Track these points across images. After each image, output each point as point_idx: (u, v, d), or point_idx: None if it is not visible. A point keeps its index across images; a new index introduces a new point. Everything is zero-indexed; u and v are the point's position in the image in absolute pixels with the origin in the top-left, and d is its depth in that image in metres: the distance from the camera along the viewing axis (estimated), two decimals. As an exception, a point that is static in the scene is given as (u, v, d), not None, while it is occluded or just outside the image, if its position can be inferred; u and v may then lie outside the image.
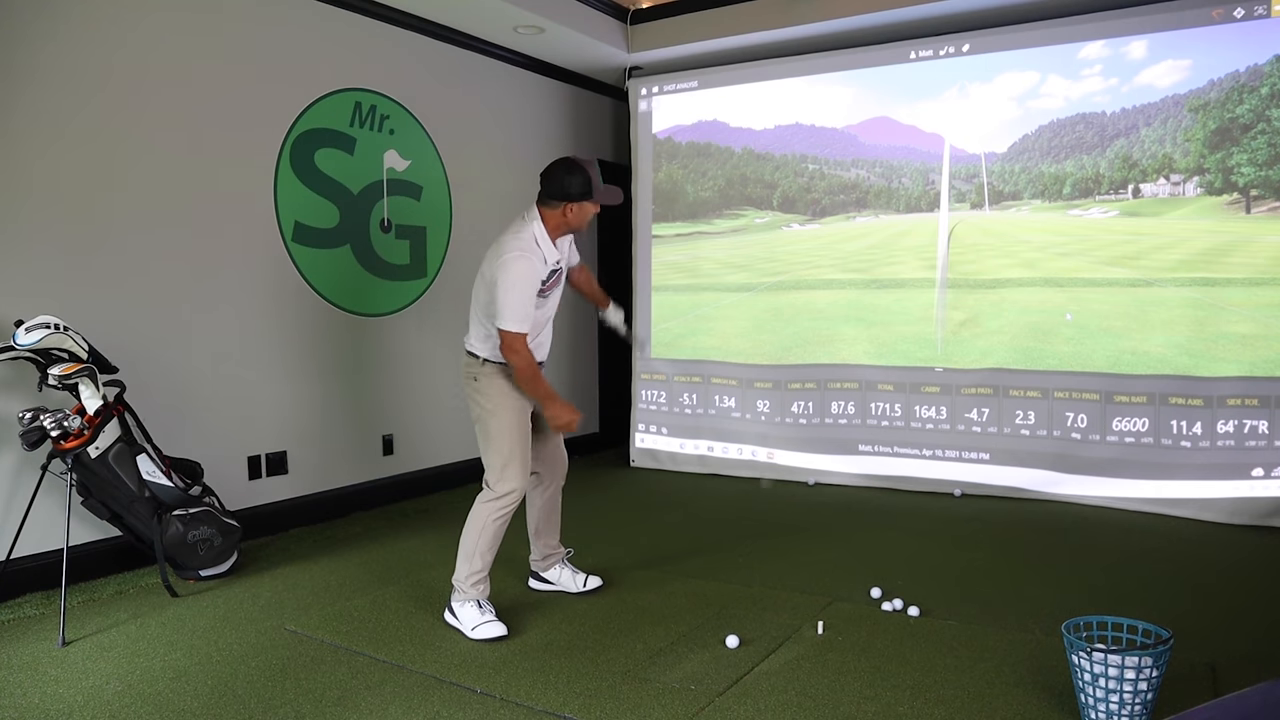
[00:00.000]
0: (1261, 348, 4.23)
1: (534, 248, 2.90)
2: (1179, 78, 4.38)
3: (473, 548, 2.95)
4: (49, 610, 3.15)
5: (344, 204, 4.52)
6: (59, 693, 2.51)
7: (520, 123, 5.63)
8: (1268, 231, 4.25)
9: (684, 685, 2.51)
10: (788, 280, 5.44)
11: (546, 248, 2.94)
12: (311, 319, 4.39)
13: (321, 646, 2.83)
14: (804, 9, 4.99)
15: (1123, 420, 4.52)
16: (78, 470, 3.16)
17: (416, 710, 2.38)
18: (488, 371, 3.00)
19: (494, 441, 2.96)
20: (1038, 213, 4.80)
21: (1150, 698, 2.14)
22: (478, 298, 3.00)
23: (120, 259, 3.61)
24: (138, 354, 3.63)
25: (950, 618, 3.02)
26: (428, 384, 4.98)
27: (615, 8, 5.45)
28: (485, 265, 2.97)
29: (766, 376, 5.43)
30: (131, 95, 3.62)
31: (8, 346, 3.04)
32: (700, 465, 5.60)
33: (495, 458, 2.96)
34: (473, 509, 2.99)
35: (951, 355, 4.94)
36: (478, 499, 2.99)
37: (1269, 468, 4.19)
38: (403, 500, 4.87)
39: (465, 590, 2.94)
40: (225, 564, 3.57)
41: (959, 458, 4.92)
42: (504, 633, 2.86)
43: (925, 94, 4.99)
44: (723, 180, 5.66)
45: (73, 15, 3.42)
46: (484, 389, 2.99)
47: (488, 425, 2.98)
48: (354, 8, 4.50)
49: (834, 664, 2.65)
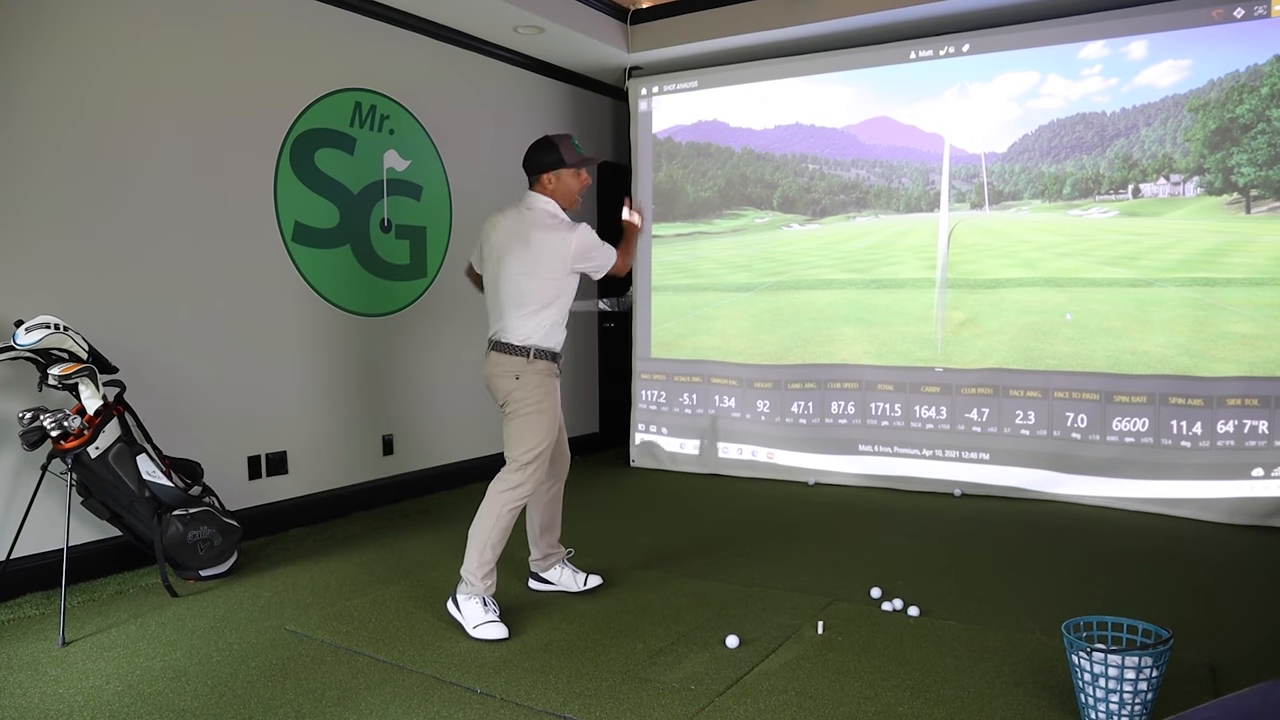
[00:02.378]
0: (1261, 348, 4.23)
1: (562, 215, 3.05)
2: (1179, 78, 4.38)
3: (485, 539, 2.95)
4: (49, 610, 3.15)
5: (344, 204, 4.52)
6: (59, 693, 2.51)
7: (520, 123, 5.63)
8: (1268, 231, 4.25)
9: (684, 685, 2.51)
10: (788, 280, 5.44)
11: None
12: (311, 319, 4.39)
13: (321, 646, 2.83)
14: (804, 9, 4.99)
15: (1123, 420, 4.52)
16: (78, 470, 3.16)
17: (416, 710, 2.38)
18: (537, 369, 3.00)
19: (530, 436, 2.99)
20: (1038, 213, 4.80)
21: (1150, 698, 2.14)
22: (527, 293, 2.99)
23: (120, 259, 3.61)
24: (138, 354, 3.63)
25: (950, 618, 3.02)
26: (428, 384, 4.98)
27: (615, 8, 5.45)
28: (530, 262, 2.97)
29: (766, 376, 5.43)
30: (132, 95, 3.61)
31: (8, 346, 3.03)
32: (700, 465, 5.60)
33: (526, 452, 2.98)
34: (487, 499, 2.99)
35: (951, 355, 4.94)
36: (492, 488, 2.99)
37: (1269, 468, 4.19)
38: (403, 500, 4.87)
39: (474, 583, 2.93)
40: (225, 564, 3.57)
41: (959, 458, 4.92)
42: (505, 635, 2.86)
43: (925, 94, 4.99)
44: (723, 180, 5.66)
45: (73, 15, 3.42)
46: (529, 385, 3.00)
47: (527, 420, 2.99)
48: (354, 8, 4.50)
49: (834, 664, 2.65)
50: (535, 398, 2.99)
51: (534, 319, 3.00)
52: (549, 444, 3.03)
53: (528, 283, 2.97)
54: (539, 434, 2.99)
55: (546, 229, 2.96)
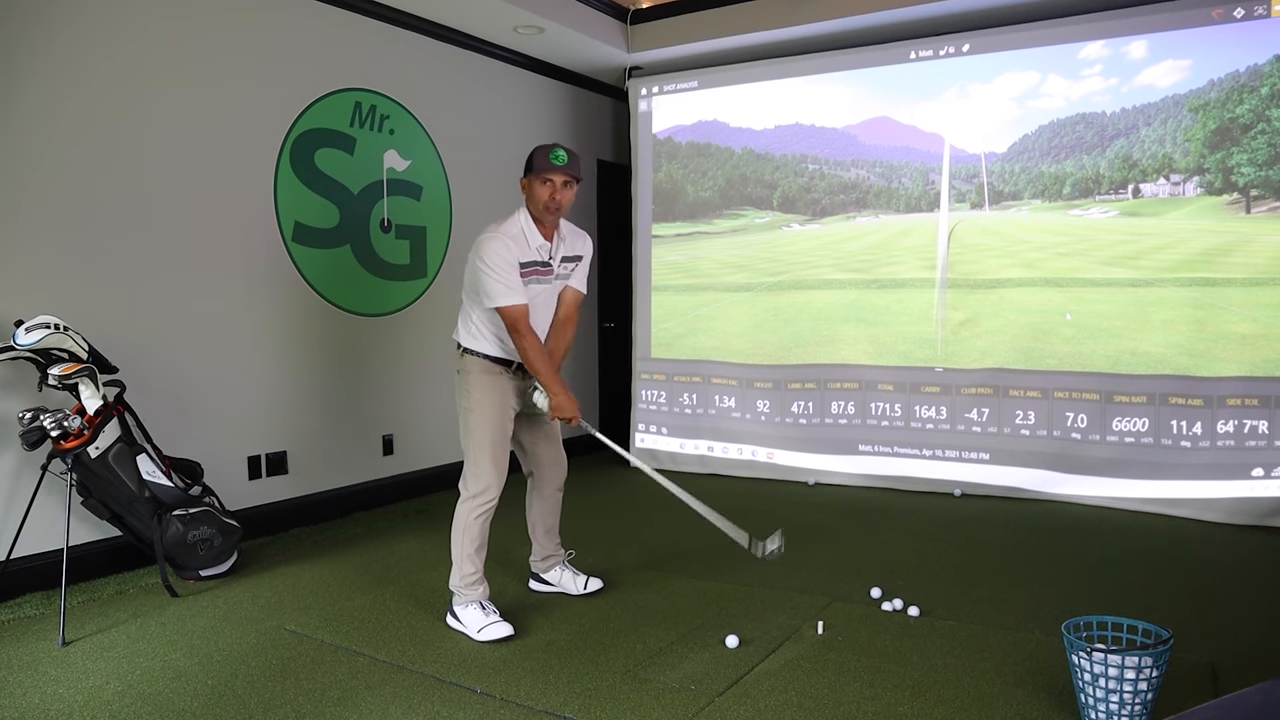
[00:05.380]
0: (1261, 348, 4.23)
1: (515, 231, 2.91)
2: (1179, 78, 4.38)
3: (460, 552, 2.96)
4: (49, 610, 3.15)
5: (344, 204, 4.52)
6: (59, 693, 2.51)
7: (520, 123, 5.63)
8: (1268, 231, 4.25)
9: (684, 685, 2.51)
10: (788, 280, 5.44)
11: (531, 233, 2.93)
12: (311, 319, 4.39)
13: (321, 646, 2.83)
14: (804, 9, 4.99)
15: (1123, 420, 4.52)
16: (78, 470, 3.16)
17: (416, 710, 2.38)
18: (468, 365, 3.01)
19: (471, 438, 2.97)
20: (1038, 213, 4.80)
21: (1150, 698, 2.14)
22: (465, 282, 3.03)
23: (120, 259, 3.61)
24: (138, 354, 3.63)
25: (950, 618, 3.02)
26: (428, 384, 4.98)
27: (615, 8, 5.45)
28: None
29: (766, 376, 5.43)
30: (132, 95, 3.61)
31: (8, 346, 3.03)
32: (700, 465, 5.60)
33: (470, 454, 2.98)
34: (455, 511, 3.00)
35: (951, 355, 4.94)
36: (458, 501, 3.00)
37: (1269, 468, 4.19)
38: (402, 500, 4.87)
39: (465, 593, 2.94)
40: (225, 564, 3.57)
41: (959, 458, 4.92)
42: (511, 632, 2.86)
43: (925, 94, 4.99)
44: (723, 180, 5.66)
45: (73, 15, 3.42)
46: (465, 384, 3.01)
47: (466, 421, 2.99)
48: (354, 8, 4.50)
49: (834, 664, 2.65)
50: (471, 394, 2.97)
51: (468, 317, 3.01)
52: (494, 445, 2.95)
53: (468, 279, 2.97)
54: (480, 433, 2.95)
55: (489, 229, 2.91)
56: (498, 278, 2.83)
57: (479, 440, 2.95)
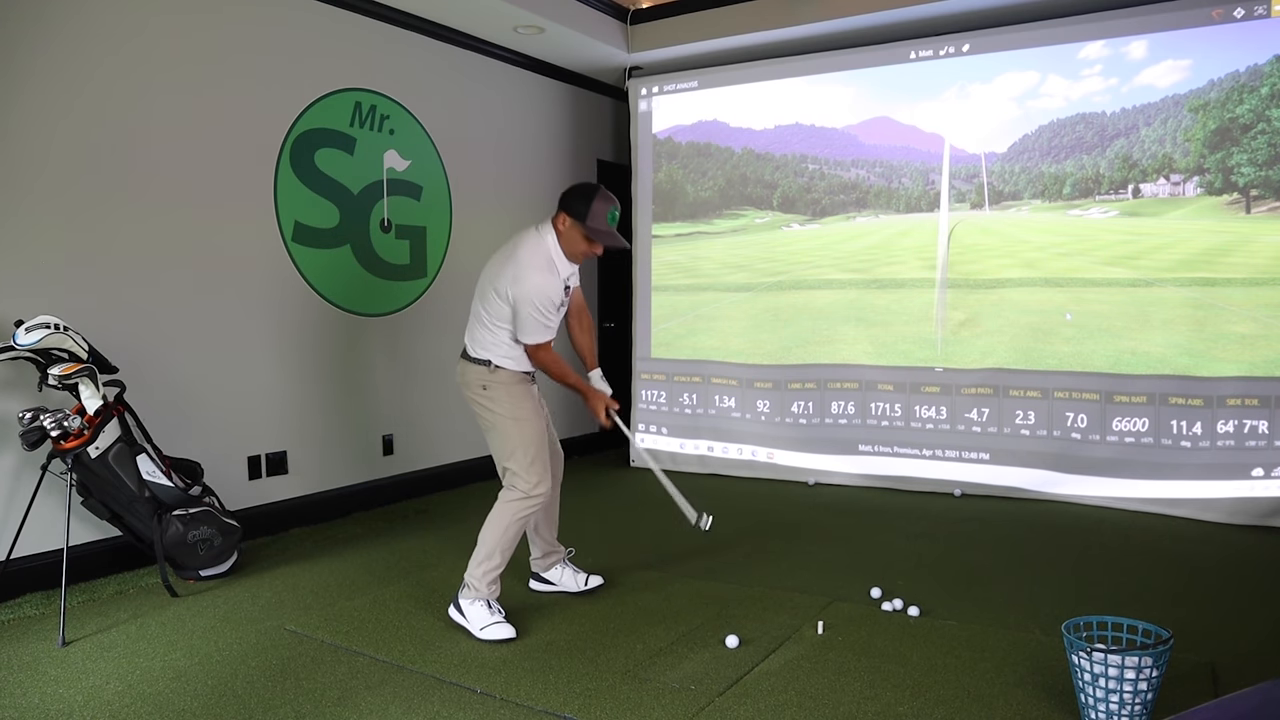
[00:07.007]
0: (1261, 348, 4.23)
1: (545, 262, 2.92)
2: (1179, 78, 4.38)
3: (494, 545, 2.95)
4: (49, 610, 3.15)
5: (344, 204, 4.52)
6: (59, 693, 2.51)
7: (520, 123, 5.63)
8: (1268, 231, 4.25)
9: (684, 685, 2.51)
10: (787, 280, 5.44)
11: (561, 263, 2.97)
12: (311, 319, 4.39)
13: (321, 646, 2.83)
14: (804, 9, 4.99)
15: (1123, 420, 4.52)
16: (78, 470, 3.16)
17: (416, 710, 2.38)
18: (501, 379, 3.01)
19: (519, 444, 2.98)
20: (1038, 213, 4.80)
21: (1150, 698, 2.14)
22: (486, 302, 2.98)
23: (120, 259, 3.61)
24: (138, 354, 3.63)
25: (950, 618, 3.02)
26: (428, 384, 4.98)
27: (615, 8, 5.45)
28: (495, 271, 2.96)
29: (766, 376, 5.43)
30: (132, 95, 3.61)
31: (8, 346, 3.03)
32: (700, 465, 5.60)
33: (522, 460, 2.97)
34: (496, 508, 2.99)
35: (951, 355, 4.94)
36: (501, 499, 3.00)
37: (1269, 468, 4.19)
38: (403, 500, 4.86)
39: (478, 588, 2.93)
40: (225, 564, 3.57)
41: (959, 458, 4.92)
42: (513, 635, 2.86)
43: (925, 94, 4.99)
44: (723, 180, 5.66)
45: (73, 15, 3.42)
46: (497, 396, 3.00)
47: (509, 430, 2.99)
48: (354, 8, 4.50)
49: (834, 664, 2.65)
50: (510, 405, 3.00)
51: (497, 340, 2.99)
52: (543, 447, 3.03)
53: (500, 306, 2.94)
54: (529, 438, 2.98)
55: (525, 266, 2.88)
56: (540, 319, 2.91)
57: (528, 445, 2.98)
